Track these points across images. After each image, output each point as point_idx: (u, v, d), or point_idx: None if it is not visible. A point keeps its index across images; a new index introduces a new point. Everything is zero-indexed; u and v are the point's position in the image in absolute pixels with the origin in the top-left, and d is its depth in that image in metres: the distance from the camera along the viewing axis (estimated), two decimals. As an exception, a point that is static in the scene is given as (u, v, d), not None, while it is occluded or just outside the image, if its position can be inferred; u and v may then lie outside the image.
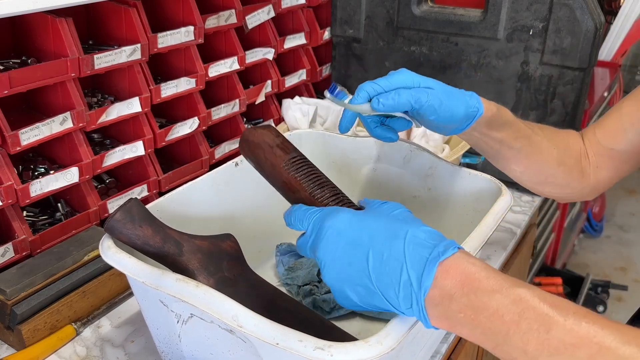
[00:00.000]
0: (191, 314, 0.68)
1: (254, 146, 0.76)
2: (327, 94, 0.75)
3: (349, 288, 0.59)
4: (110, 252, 0.70)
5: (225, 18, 1.22)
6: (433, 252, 0.55)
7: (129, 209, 0.70)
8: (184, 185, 0.89)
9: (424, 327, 0.56)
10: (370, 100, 0.74)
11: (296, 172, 0.73)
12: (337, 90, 0.75)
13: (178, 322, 0.71)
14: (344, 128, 0.79)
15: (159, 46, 1.09)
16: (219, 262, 0.73)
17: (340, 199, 0.71)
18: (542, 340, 0.48)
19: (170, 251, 0.71)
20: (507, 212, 0.82)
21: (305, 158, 0.76)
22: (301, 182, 0.72)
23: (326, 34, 1.51)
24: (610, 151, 0.88)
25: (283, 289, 0.96)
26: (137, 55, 1.05)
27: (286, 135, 1.05)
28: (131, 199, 0.72)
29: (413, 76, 0.76)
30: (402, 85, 0.75)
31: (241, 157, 0.95)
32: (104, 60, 1.00)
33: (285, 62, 1.48)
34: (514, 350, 0.50)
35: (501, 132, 0.83)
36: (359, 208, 0.68)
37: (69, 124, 0.97)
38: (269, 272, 1.01)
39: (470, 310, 0.52)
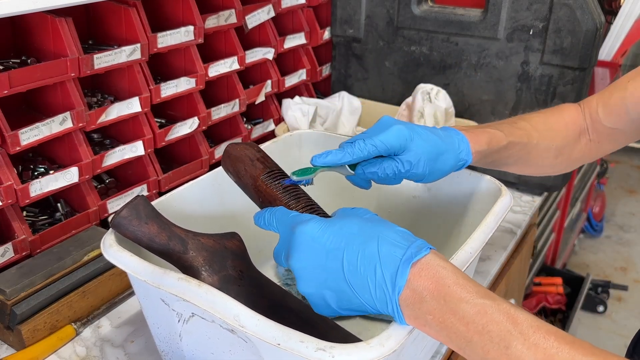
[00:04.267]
0: (192, 313, 0.68)
1: (235, 160, 0.80)
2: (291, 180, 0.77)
3: (326, 294, 0.60)
4: (112, 250, 0.70)
5: (225, 18, 1.22)
6: (406, 253, 0.56)
7: (136, 206, 0.71)
8: (185, 185, 0.89)
9: (399, 324, 0.58)
10: (354, 166, 0.77)
11: (274, 183, 0.76)
12: (294, 180, 0.75)
13: (179, 321, 0.71)
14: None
15: (159, 46, 1.09)
16: (224, 260, 0.73)
17: (314, 210, 0.74)
18: (501, 354, 0.51)
19: (176, 248, 0.71)
20: (507, 212, 0.82)
21: (284, 172, 0.79)
22: (278, 193, 0.76)
23: (326, 34, 1.51)
24: (613, 130, 0.87)
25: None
26: (137, 55, 1.05)
27: (287, 135, 1.05)
28: (138, 196, 0.73)
29: (400, 135, 0.74)
30: (389, 147, 0.74)
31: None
32: (103, 60, 1.00)
33: (285, 62, 1.48)
34: (475, 356, 0.53)
35: (491, 157, 0.83)
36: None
37: (68, 124, 0.97)
38: (269, 273, 1.01)
39: (439, 313, 0.54)
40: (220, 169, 0.94)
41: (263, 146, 1.00)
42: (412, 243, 0.57)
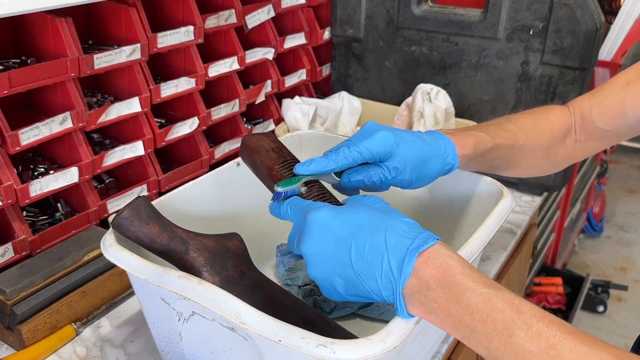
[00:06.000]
0: (193, 311, 0.68)
1: (252, 151, 0.80)
2: (274, 200, 0.74)
3: (334, 280, 0.61)
4: (112, 250, 0.70)
5: (225, 18, 1.22)
6: (413, 243, 0.57)
7: (137, 207, 0.71)
8: (186, 185, 0.89)
9: (400, 316, 0.58)
10: (340, 172, 0.76)
11: (288, 172, 0.76)
12: (280, 193, 0.73)
13: (179, 320, 0.71)
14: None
15: (159, 46, 1.09)
16: (225, 260, 0.73)
17: (326, 198, 0.73)
18: (505, 343, 0.51)
19: (177, 249, 0.71)
20: (508, 214, 0.82)
21: (298, 161, 0.79)
22: None
23: (326, 34, 1.51)
24: (605, 132, 0.86)
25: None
26: (137, 55, 1.05)
27: (287, 136, 1.05)
28: (139, 196, 0.73)
29: (386, 141, 0.73)
30: (375, 154, 0.73)
31: (243, 157, 0.96)
32: (103, 60, 1.00)
33: (285, 62, 1.48)
34: (479, 345, 0.53)
35: (477, 161, 0.82)
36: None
37: (68, 124, 0.97)
38: (269, 273, 1.01)
39: (444, 301, 0.54)
40: (221, 168, 0.94)
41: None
42: (420, 234, 0.58)
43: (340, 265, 0.60)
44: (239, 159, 0.95)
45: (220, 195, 0.93)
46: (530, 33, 1.25)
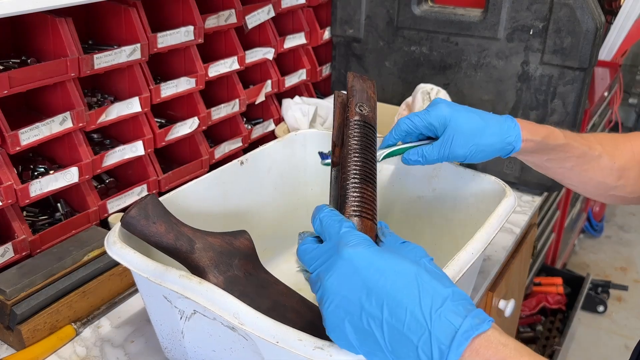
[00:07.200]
0: (194, 310, 0.68)
1: (360, 90, 0.80)
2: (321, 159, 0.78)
3: (347, 328, 0.52)
4: (116, 247, 0.71)
5: (225, 18, 1.22)
6: (464, 324, 0.48)
7: (144, 206, 0.72)
8: (189, 183, 0.89)
9: None
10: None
11: (354, 138, 0.70)
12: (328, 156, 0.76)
13: (181, 318, 0.71)
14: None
15: (159, 46, 1.09)
16: (231, 260, 0.73)
17: (362, 210, 0.63)
18: None
19: (182, 248, 0.71)
20: (511, 213, 0.82)
21: (374, 129, 0.75)
22: (350, 156, 0.68)
23: (326, 34, 1.51)
24: None
25: (302, 276, 0.95)
26: (137, 55, 1.05)
27: (291, 135, 1.05)
28: (147, 195, 0.73)
29: (440, 113, 0.78)
30: (427, 125, 0.79)
31: (246, 156, 0.97)
32: (103, 60, 1.00)
33: (285, 62, 1.48)
34: None
35: (548, 155, 0.80)
36: (377, 236, 0.62)
37: (68, 124, 0.97)
38: (274, 271, 1.00)
39: None
40: (225, 167, 0.94)
41: (267, 146, 1.00)
42: (470, 311, 0.49)
43: (366, 319, 0.51)
44: (242, 158, 0.96)
45: (223, 194, 0.94)
46: (530, 33, 1.24)
